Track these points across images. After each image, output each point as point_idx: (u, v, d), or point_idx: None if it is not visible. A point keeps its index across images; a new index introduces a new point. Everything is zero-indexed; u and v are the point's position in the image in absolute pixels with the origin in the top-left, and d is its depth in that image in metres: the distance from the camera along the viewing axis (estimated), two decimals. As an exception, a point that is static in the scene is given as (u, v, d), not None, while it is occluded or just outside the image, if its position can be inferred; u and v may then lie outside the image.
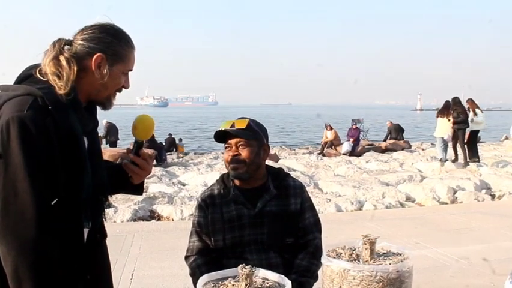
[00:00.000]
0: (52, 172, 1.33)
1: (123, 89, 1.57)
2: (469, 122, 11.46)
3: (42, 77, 1.42)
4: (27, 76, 1.45)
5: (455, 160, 11.74)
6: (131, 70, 1.56)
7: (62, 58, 1.43)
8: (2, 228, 1.29)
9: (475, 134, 12.05)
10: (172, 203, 7.20)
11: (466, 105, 11.85)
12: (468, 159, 11.51)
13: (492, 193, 8.19)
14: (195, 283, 1.50)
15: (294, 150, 18.17)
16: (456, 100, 11.61)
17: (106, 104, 1.55)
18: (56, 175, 1.34)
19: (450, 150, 12.18)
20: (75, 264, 1.42)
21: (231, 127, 1.97)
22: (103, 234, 1.61)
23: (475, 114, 11.57)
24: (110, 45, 1.48)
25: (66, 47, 1.46)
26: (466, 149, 11.59)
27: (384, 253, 1.71)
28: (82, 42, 1.46)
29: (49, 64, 1.42)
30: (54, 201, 1.33)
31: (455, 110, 11.27)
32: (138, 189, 1.72)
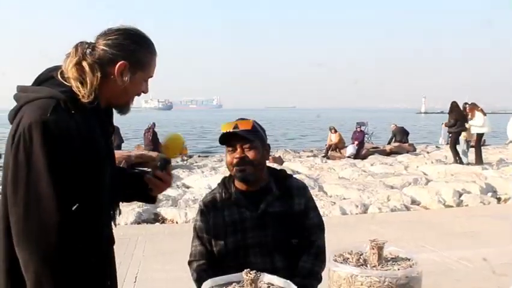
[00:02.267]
0: (74, 177, 1.31)
1: (142, 93, 1.56)
2: (466, 125, 11.86)
3: (65, 80, 1.38)
4: (48, 78, 1.41)
5: (455, 162, 11.87)
6: (151, 77, 1.54)
7: (85, 64, 1.39)
8: (25, 234, 1.27)
9: (479, 137, 12.15)
10: (176, 206, 7.18)
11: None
12: (475, 163, 11.68)
13: (498, 196, 8.12)
14: None
15: (299, 153, 18.08)
16: (453, 105, 11.99)
17: (124, 109, 1.54)
18: (77, 180, 1.31)
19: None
20: (96, 271, 1.40)
21: (234, 128, 1.93)
22: (111, 241, 1.59)
23: (472, 117, 11.82)
24: (134, 53, 1.45)
25: (88, 50, 1.42)
26: (459, 152, 11.96)
27: (392, 258, 1.67)
28: (105, 48, 1.42)
29: (72, 70, 1.38)
30: (75, 206, 1.31)
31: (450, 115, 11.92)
32: (153, 198, 1.74)
